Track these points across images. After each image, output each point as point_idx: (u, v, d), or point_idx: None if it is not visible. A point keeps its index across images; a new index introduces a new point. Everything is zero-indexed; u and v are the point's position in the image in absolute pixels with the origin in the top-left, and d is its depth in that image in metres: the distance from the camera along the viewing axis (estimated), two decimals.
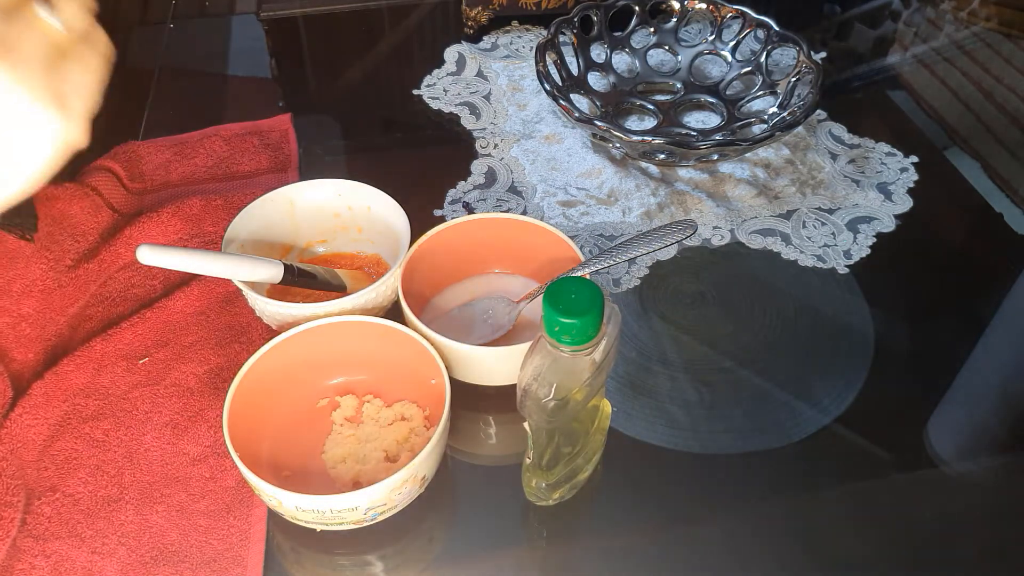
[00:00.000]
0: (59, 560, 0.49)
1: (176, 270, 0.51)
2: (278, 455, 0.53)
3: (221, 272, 0.54)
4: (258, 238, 0.62)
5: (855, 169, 0.76)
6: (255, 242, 0.62)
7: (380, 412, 0.55)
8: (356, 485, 0.51)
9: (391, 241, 0.61)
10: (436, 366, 0.52)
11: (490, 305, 0.60)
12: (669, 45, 0.85)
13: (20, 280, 0.63)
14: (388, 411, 0.55)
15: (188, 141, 0.77)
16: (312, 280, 0.58)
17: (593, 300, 0.42)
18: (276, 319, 0.57)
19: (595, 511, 0.53)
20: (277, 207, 0.63)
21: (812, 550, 0.51)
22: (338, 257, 0.66)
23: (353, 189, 0.63)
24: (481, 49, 0.91)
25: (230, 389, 0.50)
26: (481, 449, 0.57)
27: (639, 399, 0.58)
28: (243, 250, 0.60)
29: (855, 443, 0.56)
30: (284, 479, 0.51)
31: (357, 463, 0.52)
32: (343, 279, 0.61)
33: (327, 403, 0.56)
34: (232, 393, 0.50)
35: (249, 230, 0.61)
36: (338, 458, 0.52)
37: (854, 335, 0.63)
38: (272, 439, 0.53)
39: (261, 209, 0.62)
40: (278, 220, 0.63)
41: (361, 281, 0.61)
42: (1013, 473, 0.56)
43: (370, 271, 0.65)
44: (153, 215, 0.68)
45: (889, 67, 0.93)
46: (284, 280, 0.56)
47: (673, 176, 0.74)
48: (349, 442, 0.53)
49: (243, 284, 0.56)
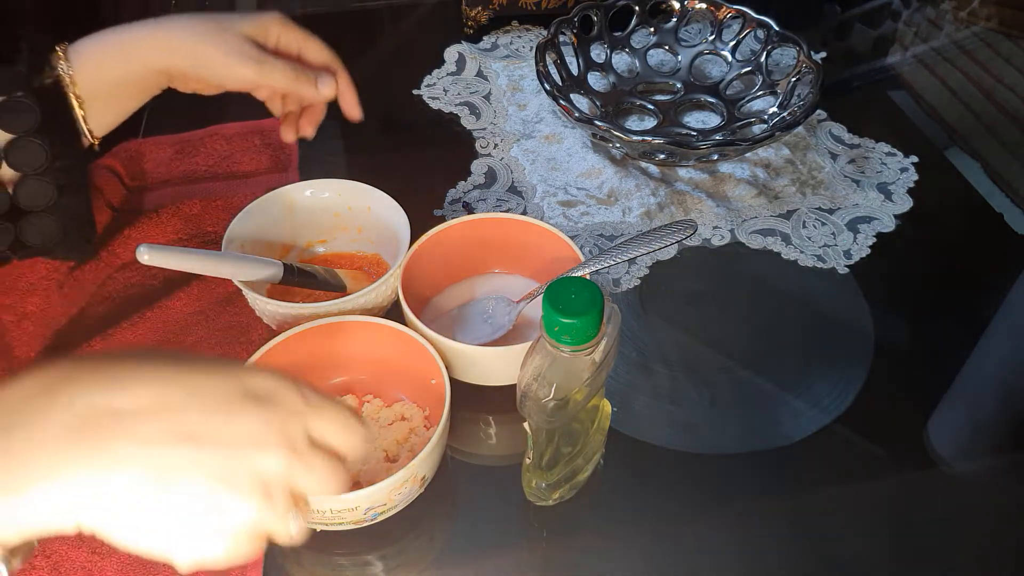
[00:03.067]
0: (59, 560, 0.48)
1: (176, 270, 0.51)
2: None
3: (221, 272, 0.54)
4: (258, 238, 0.62)
5: (855, 169, 0.76)
6: (255, 242, 0.62)
7: (380, 412, 0.55)
8: (356, 485, 0.50)
9: (391, 241, 0.61)
10: (436, 366, 0.52)
11: (490, 305, 0.60)
12: (669, 45, 0.85)
13: (25, 278, 0.63)
14: (388, 411, 0.55)
15: (189, 140, 0.77)
16: (312, 280, 0.58)
17: (593, 300, 0.42)
18: (276, 319, 0.57)
19: (595, 511, 0.53)
20: (277, 207, 0.63)
21: (812, 550, 0.51)
22: (338, 257, 0.66)
23: (353, 189, 0.63)
24: (481, 49, 0.91)
25: None
26: (481, 449, 0.57)
27: (639, 399, 0.58)
28: (243, 250, 0.60)
29: (855, 443, 0.56)
30: None
31: (357, 463, 0.52)
32: (343, 279, 0.61)
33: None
34: None
35: (249, 230, 0.61)
36: None
37: (854, 335, 0.63)
38: None
39: (261, 209, 0.62)
40: (278, 220, 0.63)
41: (361, 281, 0.61)
42: (1013, 473, 0.56)
43: (370, 271, 0.65)
44: (153, 215, 0.68)
45: (889, 67, 0.93)
46: (284, 280, 0.56)
47: (673, 176, 0.74)
48: None
49: (243, 284, 0.56)
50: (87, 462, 0.32)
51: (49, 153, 0.53)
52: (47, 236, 0.55)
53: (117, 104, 0.57)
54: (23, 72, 0.52)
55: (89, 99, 0.55)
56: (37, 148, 0.52)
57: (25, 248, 0.55)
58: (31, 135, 0.52)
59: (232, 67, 0.56)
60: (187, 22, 0.56)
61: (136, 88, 0.57)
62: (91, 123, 0.55)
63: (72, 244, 0.56)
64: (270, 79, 0.57)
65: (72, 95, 0.54)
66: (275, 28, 0.59)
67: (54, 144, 0.53)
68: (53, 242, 0.55)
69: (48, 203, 0.54)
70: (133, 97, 0.57)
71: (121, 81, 0.56)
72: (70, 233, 0.55)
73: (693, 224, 0.57)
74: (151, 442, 0.32)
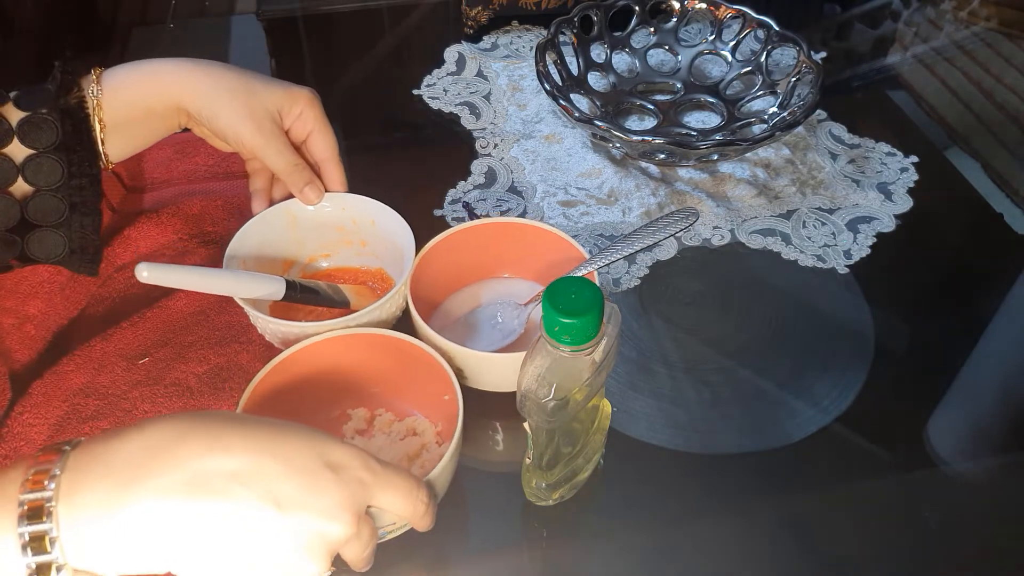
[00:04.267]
0: None
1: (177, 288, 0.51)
2: None
3: (222, 289, 0.53)
4: (260, 254, 0.61)
5: (855, 169, 0.76)
6: (257, 258, 0.60)
7: (392, 425, 0.54)
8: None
9: (395, 255, 0.60)
10: (448, 381, 0.51)
11: (498, 310, 0.60)
12: (669, 45, 0.85)
13: (27, 281, 0.63)
14: (400, 424, 0.54)
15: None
16: (315, 296, 0.57)
17: (593, 300, 0.42)
18: (278, 337, 0.56)
19: (595, 511, 0.53)
20: (278, 221, 0.61)
21: (812, 550, 0.51)
22: (341, 271, 0.64)
23: (356, 202, 0.62)
24: (481, 49, 0.91)
25: (240, 401, 0.49)
26: (487, 455, 0.56)
27: (639, 399, 0.58)
28: (245, 266, 0.59)
29: (855, 443, 0.56)
30: None
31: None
32: (346, 295, 0.60)
33: (338, 415, 0.55)
34: (242, 405, 0.49)
35: (249, 246, 0.60)
36: None
37: (854, 335, 0.63)
38: None
39: (262, 224, 0.61)
40: (279, 234, 0.62)
41: (365, 296, 0.61)
42: (1013, 473, 0.56)
43: (374, 286, 0.64)
44: (153, 215, 0.68)
45: (889, 67, 0.93)
46: (286, 297, 0.55)
47: (673, 176, 0.74)
48: None
49: (244, 302, 0.54)
50: (196, 517, 0.36)
51: (66, 171, 0.53)
52: (53, 252, 0.55)
53: (138, 134, 0.58)
54: (50, 91, 0.53)
55: (112, 125, 0.56)
56: (54, 165, 0.53)
57: (30, 261, 0.55)
58: (50, 152, 0.53)
59: (239, 133, 0.57)
60: (220, 73, 0.57)
61: (159, 122, 0.58)
62: (109, 148, 0.56)
63: (76, 262, 0.56)
64: (268, 160, 0.58)
65: (96, 119, 0.55)
66: (300, 104, 0.60)
67: (71, 163, 0.54)
68: (58, 258, 0.55)
69: (59, 220, 0.54)
70: (154, 130, 0.58)
71: (146, 113, 0.57)
72: (75, 252, 0.55)
73: (695, 212, 0.57)
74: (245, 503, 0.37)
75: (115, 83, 0.55)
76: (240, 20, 1.00)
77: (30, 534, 0.34)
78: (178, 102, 0.57)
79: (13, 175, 0.52)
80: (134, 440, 0.37)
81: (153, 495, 0.36)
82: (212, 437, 0.38)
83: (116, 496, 0.35)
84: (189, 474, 0.36)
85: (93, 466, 0.36)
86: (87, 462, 0.36)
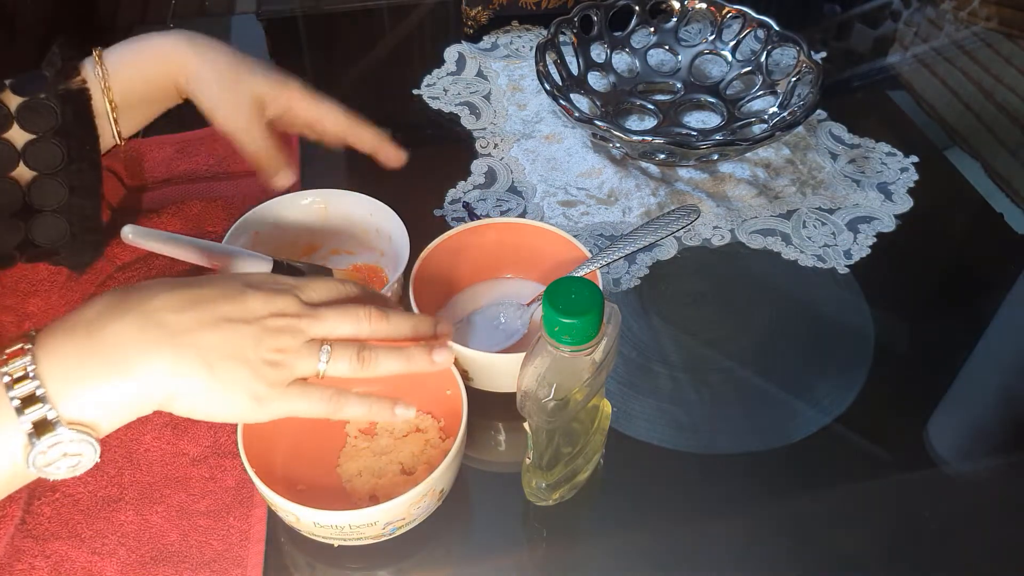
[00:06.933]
0: (59, 560, 0.48)
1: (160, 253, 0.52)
2: (292, 469, 0.52)
3: (205, 260, 0.54)
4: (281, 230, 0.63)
5: (855, 169, 0.76)
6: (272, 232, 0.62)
7: (395, 424, 0.54)
8: (373, 499, 0.50)
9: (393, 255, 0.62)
10: (452, 377, 0.51)
11: (501, 311, 0.60)
12: (669, 45, 0.85)
13: (27, 279, 0.63)
14: (403, 423, 0.54)
15: (189, 140, 0.77)
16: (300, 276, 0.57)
17: (593, 300, 0.42)
18: None
19: (595, 511, 0.53)
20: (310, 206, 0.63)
21: (812, 550, 0.51)
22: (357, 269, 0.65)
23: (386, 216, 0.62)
24: (481, 49, 0.91)
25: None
26: (487, 454, 0.56)
27: (639, 399, 0.58)
28: (258, 238, 0.61)
29: (855, 443, 0.56)
30: (299, 493, 0.50)
31: (373, 476, 0.51)
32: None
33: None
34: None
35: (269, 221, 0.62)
36: (353, 472, 0.52)
37: (854, 335, 0.63)
38: (286, 453, 0.52)
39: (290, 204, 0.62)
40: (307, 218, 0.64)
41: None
42: (1013, 473, 0.56)
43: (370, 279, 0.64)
44: (153, 215, 0.68)
45: (889, 67, 0.93)
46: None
47: (673, 176, 0.74)
48: (364, 455, 0.53)
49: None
50: (156, 352, 0.40)
51: (66, 155, 0.54)
52: (56, 236, 0.55)
53: (146, 109, 0.60)
54: (48, 75, 0.54)
55: (123, 104, 0.57)
56: (55, 149, 0.54)
57: (34, 248, 0.55)
58: (50, 136, 0.53)
59: (216, 115, 0.59)
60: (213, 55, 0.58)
61: (162, 94, 0.59)
62: (122, 125, 0.57)
63: (79, 247, 0.56)
64: (241, 143, 0.60)
65: (107, 100, 0.56)
66: (287, 96, 0.60)
67: (71, 146, 0.54)
68: (61, 243, 0.55)
69: (60, 203, 0.55)
70: (160, 102, 0.60)
71: (150, 87, 0.58)
72: (78, 235, 0.55)
73: (696, 209, 0.57)
74: (192, 330, 0.41)
75: (120, 62, 0.56)
76: (240, 20, 1.00)
77: (20, 398, 0.38)
78: (174, 79, 0.58)
79: (15, 160, 0.53)
80: (84, 311, 0.41)
81: (121, 331, 0.40)
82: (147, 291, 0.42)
83: (87, 343, 0.39)
84: (139, 318, 0.40)
85: (57, 334, 0.40)
86: (50, 333, 0.40)
